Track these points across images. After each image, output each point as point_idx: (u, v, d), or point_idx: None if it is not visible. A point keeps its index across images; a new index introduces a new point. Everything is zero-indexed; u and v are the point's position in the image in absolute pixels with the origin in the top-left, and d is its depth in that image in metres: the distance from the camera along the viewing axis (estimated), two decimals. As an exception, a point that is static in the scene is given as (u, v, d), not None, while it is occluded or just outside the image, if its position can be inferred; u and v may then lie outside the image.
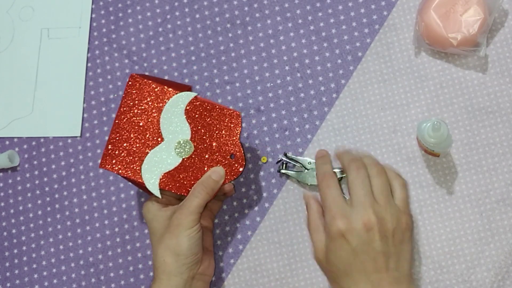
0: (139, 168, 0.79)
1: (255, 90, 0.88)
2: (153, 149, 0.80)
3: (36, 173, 0.92)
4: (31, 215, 0.91)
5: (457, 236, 0.80)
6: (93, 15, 0.94)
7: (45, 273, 0.89)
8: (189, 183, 0.79)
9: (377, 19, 0.87)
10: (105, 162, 0.80)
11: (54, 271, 0.89)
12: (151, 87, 0.80)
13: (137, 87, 0.80)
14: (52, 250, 0.89)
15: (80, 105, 0.92)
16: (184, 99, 0.80)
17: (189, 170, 0.80)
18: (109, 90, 0.92)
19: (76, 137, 0.92)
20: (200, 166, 0.80)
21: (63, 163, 0.91)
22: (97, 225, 0.89)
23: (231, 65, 0.89)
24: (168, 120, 0.80)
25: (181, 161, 0.80)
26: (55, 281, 0.89)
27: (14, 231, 0.91)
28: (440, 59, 0.84)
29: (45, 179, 0.91)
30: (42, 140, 0.92)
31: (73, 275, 0.88)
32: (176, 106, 0.80)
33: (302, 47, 0.88)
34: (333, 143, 0.85)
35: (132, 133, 0.80)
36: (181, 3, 0.92)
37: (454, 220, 0.81)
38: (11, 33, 0.96)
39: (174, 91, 0.80)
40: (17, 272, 0.90)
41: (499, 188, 0.81)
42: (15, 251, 0.90)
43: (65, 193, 0.90)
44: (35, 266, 0.89)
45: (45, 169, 0.91)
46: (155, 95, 0.80)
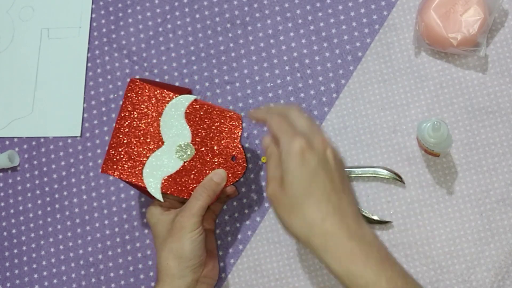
0: (140, 172, 0.79)
1: (255, 90, 0.88)
2: (154, 153, 0.80)
3: (36, 173, 0.92)
4: (31, 215, 0.91)
5: (457, 236, 0.80)
6: (93, 15, 0.94)
7: (45, 273, 0.89)
8: (191, 186, 0.79)
9: (377, 19, 0.87)
10: (106, 167, 0.80)
11: (54, 271, 0.89)
12: (150, 91, 0.80)
13: (136, 91, 0.80)
14: (52, 250, 0.89)
15: (80, 105, 0.92)
16: (184, 102, 0.80)
17: (191, 173, 0.80)
18: (109, 90, 0.92)
19: (76, 137, 0.92)
20: (201, 169, 0.80)
21: (63, 163, 0.91)
22: (97, 225, 0.89)
23: (231, 65, 0.89)
24: (168, 123, 0.80)
25: (182, 164, 0.80)
26: (55, 281, 0.89)
27: (14, 231, 0.91)
28: (440, 59, 0.84)
29: (45, 179, 0.91)
30: (42, 140, 0.92)
31: (73, 275, 0.88)
32: (176, 109, 0.80)
33: (302, 47, 0.88)
34: (333, 143, 0.85)
35: (132, 137, 0.80)
36: (181, 3, 0.92)
37: (454, 220, 0.81)
38: (11, 33, 0.96)
39: (174, 94, 0.80)
40: (17, 272, 0.90)
41: (499, 188, 0.81)
42: (15, 251, 0.90)
43: (65, 193, 0.90)
44: (35, 266, 0.89)
45: (45, 169, 0.91)
46: (155, 98, 0.80)
